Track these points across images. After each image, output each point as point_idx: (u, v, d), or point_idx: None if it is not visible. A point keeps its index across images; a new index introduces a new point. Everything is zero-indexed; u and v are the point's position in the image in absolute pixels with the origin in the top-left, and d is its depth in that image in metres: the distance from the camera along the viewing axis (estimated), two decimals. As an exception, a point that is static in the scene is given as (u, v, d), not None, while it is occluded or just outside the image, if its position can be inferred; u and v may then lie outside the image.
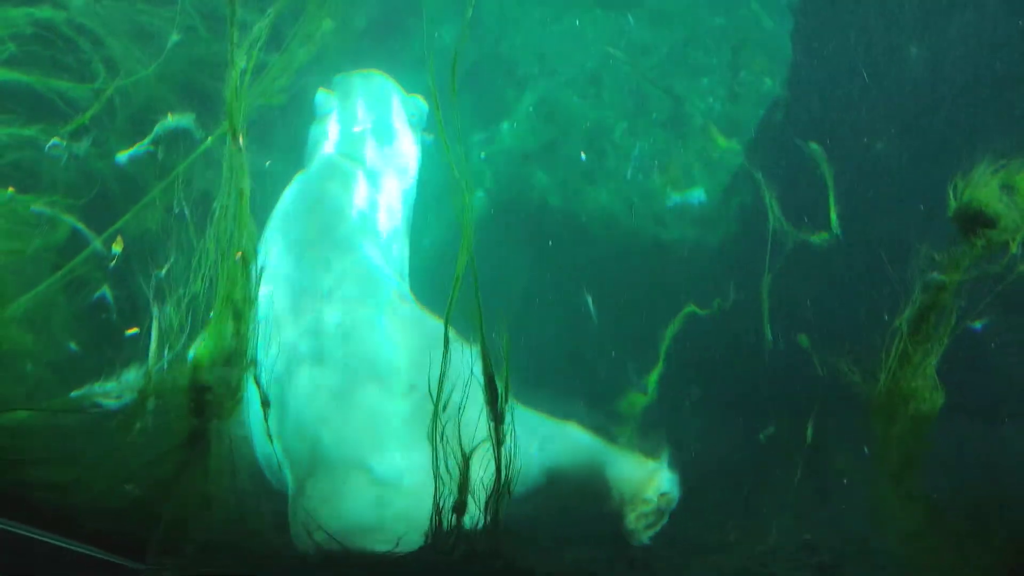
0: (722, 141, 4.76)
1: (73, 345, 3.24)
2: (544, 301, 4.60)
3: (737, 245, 4.59)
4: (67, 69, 3.41)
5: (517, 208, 4.78)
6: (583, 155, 4.80)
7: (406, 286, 3.67)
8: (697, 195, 4.70)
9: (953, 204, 2.29)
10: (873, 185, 4.23)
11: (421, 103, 4.20)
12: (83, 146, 3.28)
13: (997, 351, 3.91)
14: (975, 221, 2.25)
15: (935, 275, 2.32)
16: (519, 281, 4.77)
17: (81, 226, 3.11)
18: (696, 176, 4.72)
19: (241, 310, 2.32)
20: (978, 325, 2.49)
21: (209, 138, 3.18)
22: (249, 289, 2.34)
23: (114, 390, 2.23)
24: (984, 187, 2.24)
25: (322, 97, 4.09)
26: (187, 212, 2.46)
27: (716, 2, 4.98)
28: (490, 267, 2.55)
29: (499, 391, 2.23)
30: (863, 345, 2.54)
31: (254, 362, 2.44)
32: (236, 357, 2.33)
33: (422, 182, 4.10)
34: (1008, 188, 2.25)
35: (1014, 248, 2.25)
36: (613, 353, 4.41)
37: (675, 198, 4.68)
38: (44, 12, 3.31)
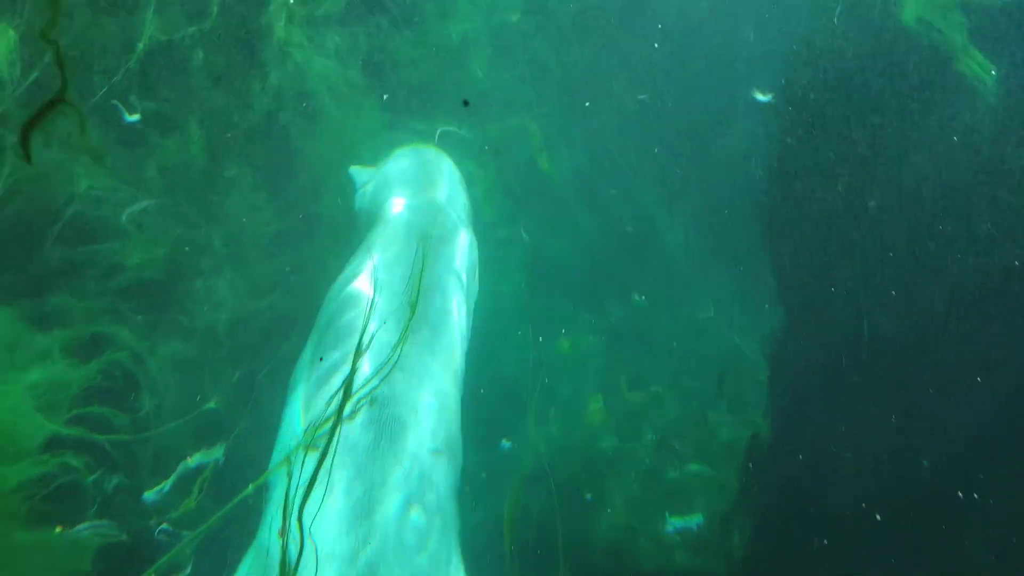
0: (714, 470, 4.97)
1: None
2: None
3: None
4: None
5: (515, 534, 4.86)
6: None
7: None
8: (696, 520, 4.78)
9: None
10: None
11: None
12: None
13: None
14: None
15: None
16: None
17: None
18: (696, 503, 4.88)
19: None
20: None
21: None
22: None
23: None
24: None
25: (358, 172, 4.21)
26: None
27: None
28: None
29: None
30: None
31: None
32: None
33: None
34: None
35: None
36: None
37: (675, 523, 4.76)
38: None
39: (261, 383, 3.93)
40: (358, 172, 4.36)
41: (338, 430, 2.62)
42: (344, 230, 4.41)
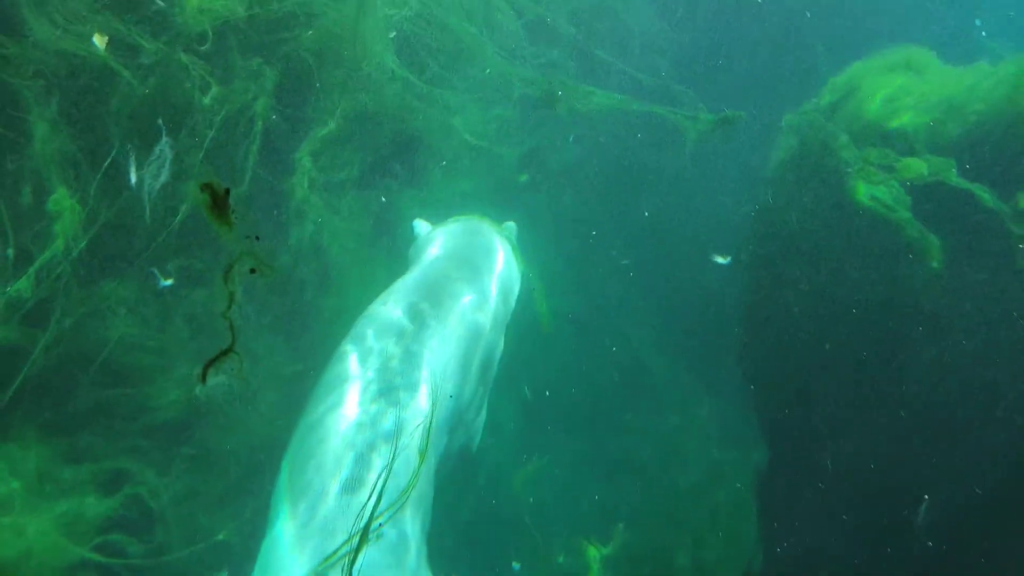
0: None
1: None
2: None
3: None
4: None
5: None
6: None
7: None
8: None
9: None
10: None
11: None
12: None
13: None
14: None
15: None
16: None
17: None
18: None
19: None
20: None
21: None
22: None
23: None
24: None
25: (420, 224, 4.52)
26: None
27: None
28: None
29: None
30: None
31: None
32: None
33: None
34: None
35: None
36: None
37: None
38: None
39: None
40: (419, 224, 4.70)
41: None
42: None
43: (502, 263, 4.38)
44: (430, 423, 3.22)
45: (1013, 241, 3.88)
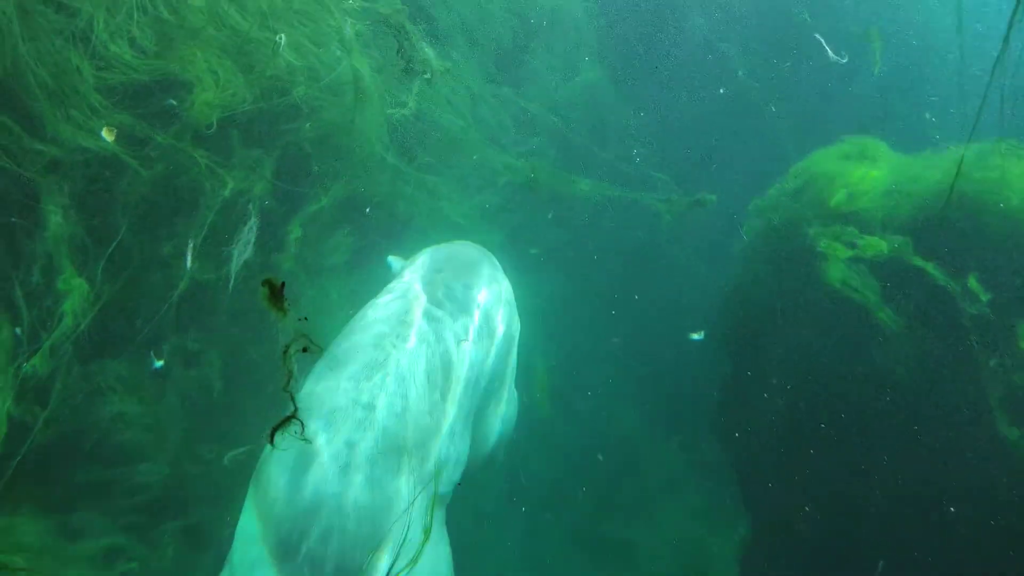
0: None
1: None
2: None
3: None
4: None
5: None
6: None
7: None
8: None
9: None
10: None
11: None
12: None
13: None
14: None
15: None
16: None
17: None
18: None
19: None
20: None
21: None
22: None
23: None
24: None
25: (394, 260, 4.46)
26: None
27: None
28: None
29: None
30: None
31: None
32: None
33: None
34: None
35: None
36: None
37: None
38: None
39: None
40: (395, 261, 4.63)
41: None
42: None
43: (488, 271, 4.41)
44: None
45: (964, 317, 4.17)
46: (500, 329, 4.15)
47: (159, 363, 4.58)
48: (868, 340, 4.64)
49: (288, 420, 2.34)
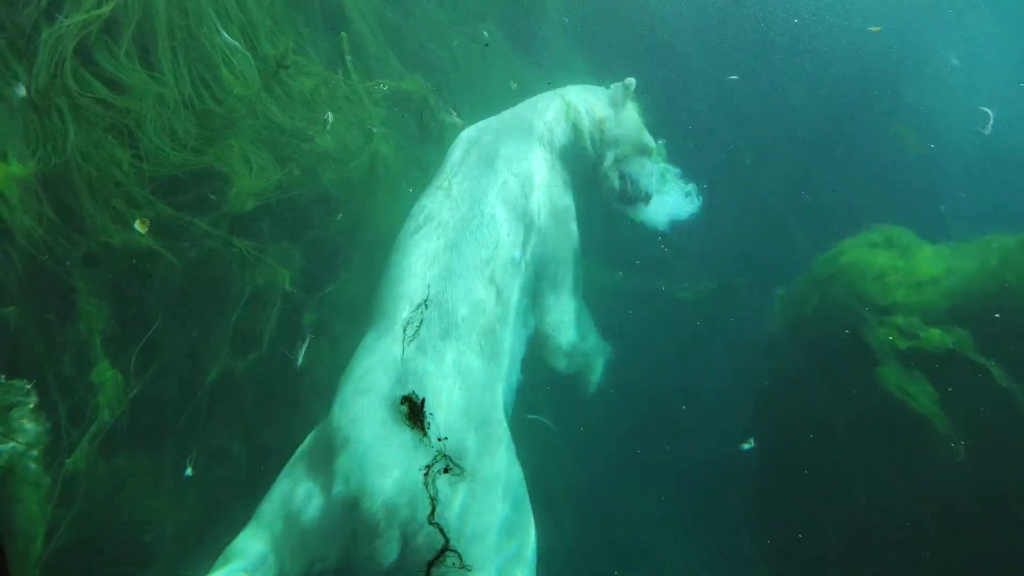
0: None
1: None
2: None
3: None
4: None
5: None
6: None
7: None
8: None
9: None
10: None
11: None
12: None
13: None
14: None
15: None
16: None
17: None
18: None
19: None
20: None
21: None
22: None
23: None
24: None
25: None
26: None
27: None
28: None
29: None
30: None
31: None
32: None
33: None
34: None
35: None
36: None
37: None
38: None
39: None
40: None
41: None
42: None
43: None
44: None
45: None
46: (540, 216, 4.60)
47: (188, 471, 4.45)
48: (929, 460, 4.35)
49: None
